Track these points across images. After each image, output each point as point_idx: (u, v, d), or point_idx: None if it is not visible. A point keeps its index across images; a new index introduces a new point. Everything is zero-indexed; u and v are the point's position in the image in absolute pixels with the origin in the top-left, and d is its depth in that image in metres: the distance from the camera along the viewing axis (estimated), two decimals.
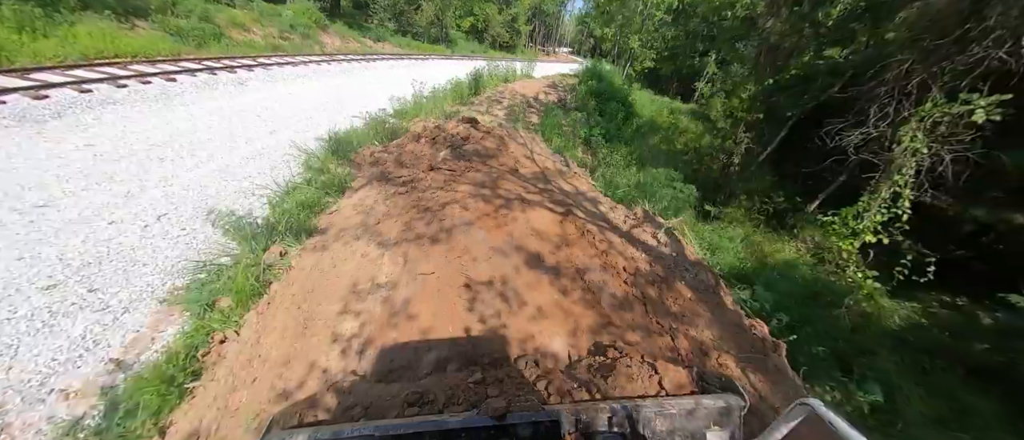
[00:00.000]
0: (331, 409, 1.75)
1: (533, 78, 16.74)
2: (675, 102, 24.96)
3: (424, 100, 11.29)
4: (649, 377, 1.83)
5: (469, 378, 1.91)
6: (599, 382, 1.84)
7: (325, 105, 9.92)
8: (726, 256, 5.19)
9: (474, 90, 11.32)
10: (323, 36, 20.02)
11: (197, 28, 13.30)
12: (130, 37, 10.98)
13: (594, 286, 3.30)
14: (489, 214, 4.97)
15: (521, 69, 17.27)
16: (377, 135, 8.11)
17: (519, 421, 1.35)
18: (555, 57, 68.76)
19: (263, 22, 16.81)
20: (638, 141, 11.89)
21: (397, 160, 6.73)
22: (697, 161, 8.04)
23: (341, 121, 9.02)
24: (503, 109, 9.99)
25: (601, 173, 7.53)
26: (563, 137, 8.88)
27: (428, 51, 28.48)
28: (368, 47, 22.89)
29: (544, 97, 12.19)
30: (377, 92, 12.34)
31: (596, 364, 2.04)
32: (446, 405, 1.70)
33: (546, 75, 22.69)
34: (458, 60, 27.15)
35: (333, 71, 13.71)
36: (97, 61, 8.84)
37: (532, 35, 64.96)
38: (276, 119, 8.17)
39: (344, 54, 17.97)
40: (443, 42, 34.00)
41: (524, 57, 50.63)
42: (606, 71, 15.53)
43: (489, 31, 44.50)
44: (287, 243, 4.45)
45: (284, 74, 11.55)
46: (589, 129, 9.17)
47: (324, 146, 7.19)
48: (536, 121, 10.00)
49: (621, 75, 17.36)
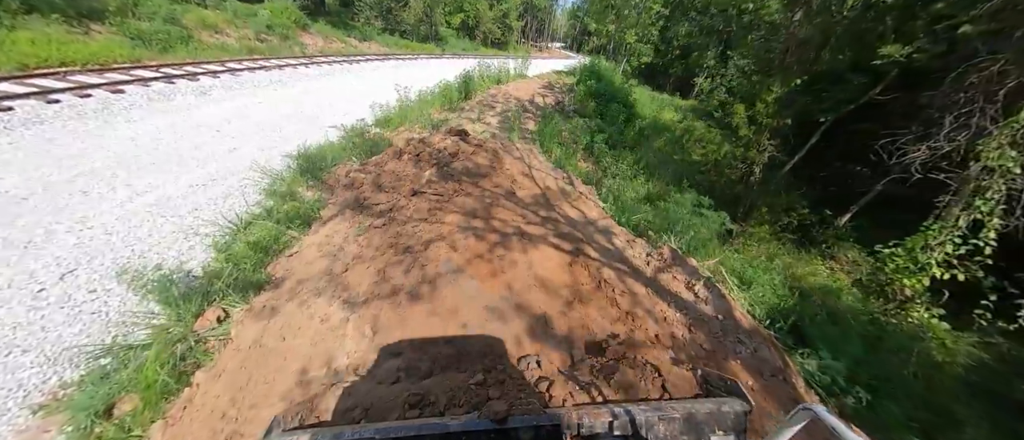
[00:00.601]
0: (333, 409, 1.69)
1: (527, 78, 15.80)
2: (675, 99, 24.14)
3: (410, 106, 10.37)
4: (652, 379, 1.76)
5: (470, 379, 1.86)
6: (601, 384, 1.78)
7: (299, 115, 8.96)
8: (763, 291, 4.35)
9: (464, 94, 10.39)
10: (304, 37, 18.93)
11: (161, 31, 12.22)
12: (82, 43, 9.91)
13: (623, 382, 2.41)
14: (482, 255, 4.09)
15: (515, 68, 16.33)
16: (355, 150, 7.20)
17: (520, 425, 1.34)
18: (548, 53, 67.71)
19: (237, 23, 15.72)
20: (643, 145, 11.04)
21: (375, 182, 5.83)
22: (712, 170, 7.25)
23: (316, 134, 8.08)
24: (496, 115, 9.08)
25: (607, 187, 6.66)
26: (564, 146, 8.00)
27: (417, 50, 27.40)
28: (353, 47, 21.80)
29: (540, 100, 11.29)
30: (359, 98, 11.37)
31: (598, 366, 1.96)
32: (447, 407, 1.65)
33: (540, 73, 21.75)
34: (448, 59, 26.12)
35: (312, 75, 12.71)
36: (36, 71, 7.81)
37: (524, 31, 63.80)
38: (239, 134, 7.21)
39: (326, 56, 16.92)
40: (433, 40, 32.89)
41: (517, 54, 49.56)
42: (605, 69, 14.66)
43: (480, 28, 43.37)
44: (229, 302, 3.54)
45: (256, 80, 10.55)
46: (591, 136, 8.30)
47: (293, 166, 6.26)
48: (533, 128, 9.12)
49: (618, 72, 16.50)
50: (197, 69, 10.02)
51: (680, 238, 4.29)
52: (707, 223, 4.87)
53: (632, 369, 1.93)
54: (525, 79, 15.17)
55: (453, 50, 33.50)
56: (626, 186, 7.42)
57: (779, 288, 4.50)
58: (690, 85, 27.59)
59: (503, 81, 12.91)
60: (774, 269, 4.56)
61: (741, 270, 4.68)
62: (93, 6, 11.63)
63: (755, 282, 4.51)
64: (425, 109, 10.27)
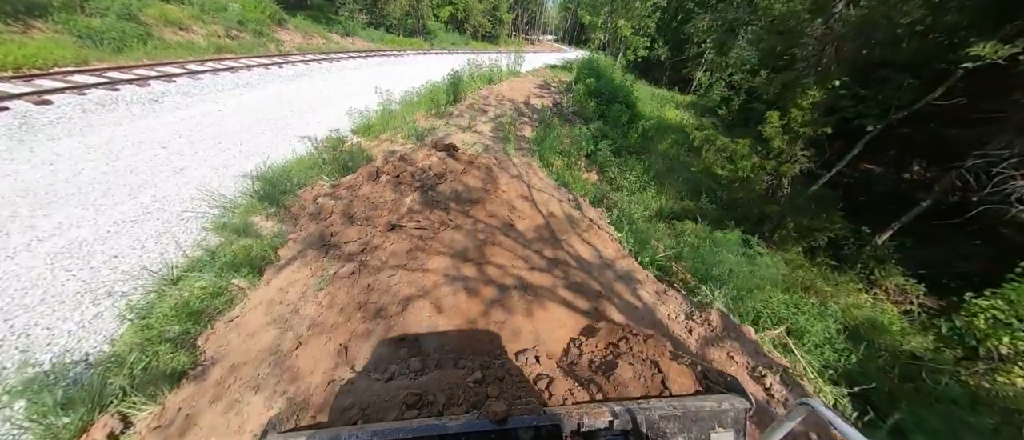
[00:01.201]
0: (329, 408, 1.67)
1: (521, 75, 14.83)
2: (673, 94, 23.30)
3: (393, 110, 9.37)
4: (652, 376, 1.73)
5: (468, 377, 1.82)
6: (601, 381, 1.76)
7: (266, 124, 7.93)
8: (816, 337, 3.56)
9: (453, 97, 9.42)
10: (280, 33, 17.66)
11: (115, 28, 11.01)
12: (17, 44, 8.72)
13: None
14: (476, 320, 3.22)
15: (507, 64, 15.32)
16: (327, 167, 6.24)
17: (520, 425, 1.31)
18: (540, 46, 66.44)
19: (205, 19, 14.47)
20: (649, 149, 10.19)
21: (346, 211, 4.91)
22: (739, 185, 6.43)
23: (283, 147, 7.08)
24: (489, 121, 8.15)
25: (619, 207, 5.81)
26: (566, 157, 7.12)
27: (403, 45, 26.15)
28: (335, 44, 20.56)
29: (537, 101, 10.36)
30: (338, 102, 10.34)
31: (598, 362, 1.95)
32: (446, 407, 1.60)
33: (534, 68, 20.75)
34: (436, 55, 24.96)
35: (286, 76, 11.60)
36: None
37: (515, 24, 62.38)
38: (191, 150, 6.20)
39: (304, 54, 15.74)
40: (420, 34, 31.58)
41: (508, 48, 48.16)
42: (605, 66, 13.73)
43: (470, 21, 42.00)
44: (132, 404, 2.63)
45: (219, 83, 9.45)
46: (594, 143, 7.43)
47: (251, 190, 5.29)
48: (530, 135, 8.21)
49: (617, 67, 15.59)
50: (151, 72, 8.91)
51: (724, 289, 3.45)
52: (761, 270, 4.01)
53: (631, 365, 1.87)
54: (519, 77, 14.20)
55: (441, 45, 32.24)
56: (636, 202, 6.58)
57: (837, 340, 3.70)
58: (687, 80, 26.77)
59: (495, 80, 11.95)
60: (830, 315, 3.76)
61: (785, 314, 3.86)
62: (35, 0, 10.38)
63: (807, 333, 3.70)
64: (410, 114, 9.29)
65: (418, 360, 2.20)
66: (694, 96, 23.34)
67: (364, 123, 8.58)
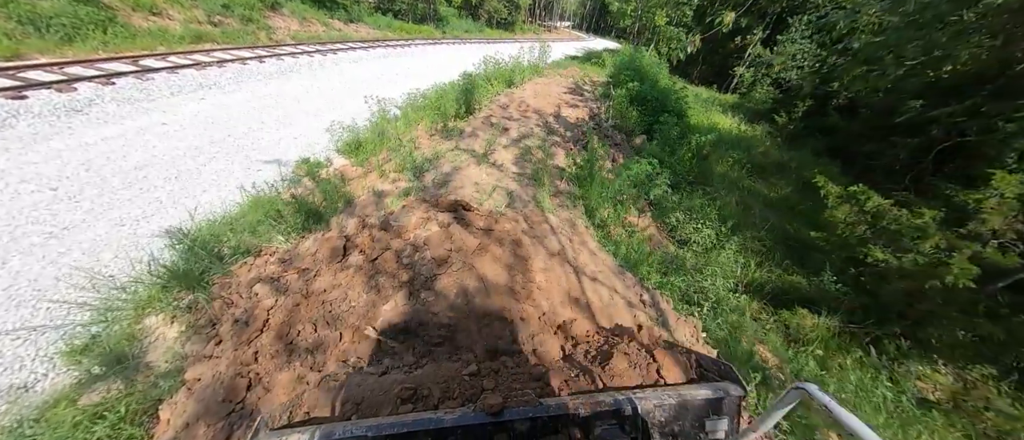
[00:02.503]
0: (321, 404, 1.58)
1: (545, 73, 12.64)
2: (713, 92, 20.73)
3: (394, 118, 7.47)
4: (647, 365, 1.73)
5: (463, 370, 1.82)
6: (597, 370, 1.76)
7: (222, 143, 6.10)
8: None
9: (465, 107, 7.42)
10: (273, 18, 15.75)
11: (66, 13, 9.23)
12: None
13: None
14: None
15: (528, 58, 13.15)
16: (286, 217, 4.40)
17: (516, 417, 1.30)
18: (557, 33, 63.29)
19: (183, 2, 12.62)
20: (709, 175, 8.09)
21: (288, 322, 3.08)
22: (902, 273, 4.30)
23: (235, 180, 5.24)
24: (512, 145, 6.17)
25: (710, 296, 3.88)
26: (620, 203, 5.14)
27: (412, 33, 24.01)
28: (336, 31, 18.56)
29: (569, 112, 8.29)
30: (325, 108, 8.46)
31: (594, 352, 1.97)
32: (441, 401, 1.58)
33: (556, 61, 18.47)
34: (447, 45, 22.79)
35: (267, 73, 9.72)
36: None
37: (532, 10, 59.27)
38: (92, 193, 4.40)
39: (298, 43, 13.84)
40: (431, 21, 29.31)
41: (525, 35, 45.29)
42: (648, 64, 11.43)
43: (484, 7, 39.39)
44: None
45: (177, 85, 7.63)
46: (647, 179, 5.43)
47: (162, 263, 3.49)
48: (565, 162, 6.22)
49: (662, 65, 13.28)
50: (88, 71, 7.12)
51: None
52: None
53: (626, 355, 1.83)
54: (543, 76, 12.05)
55: (454, 33, 29.94)
56: (713, 265, 4.60)
57: None
58: (726, 75, 24.07)
59: (515, 82, 9.89)
60: None
61: None
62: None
63: None
64: (410, 129, 7.36)
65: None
66: (737, 96, 20.76)
67: (353, 140, 6.69)
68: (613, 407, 1.36)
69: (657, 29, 21.07)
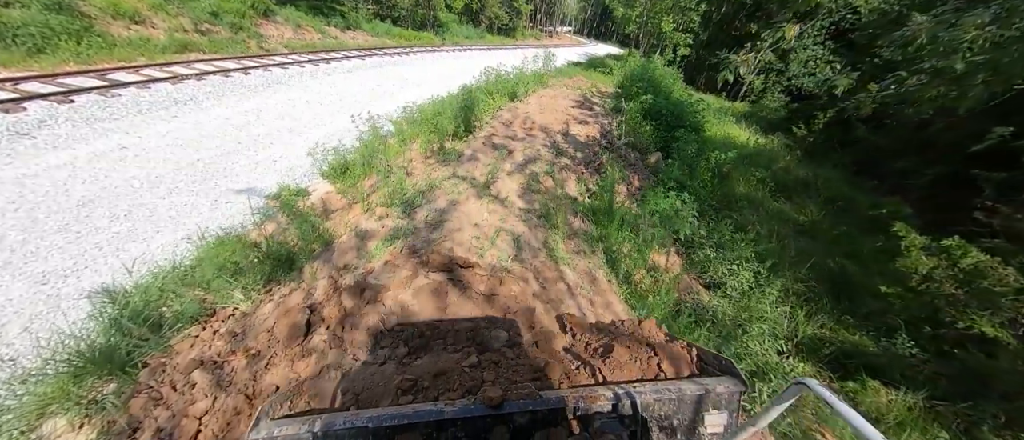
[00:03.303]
0: (322, 394, 1.60)
1: (549, 84, 11.92)
2: (722, 100, 20.01)
3: (385, 132, 6.75)
4: (648, 359, 1.70)
5: (463, 361, 1.80)
6: (598, 363, 1.73)
7: (191, 168, 5.39)
8: None
9: (464, 125, 6.70)
10: (265, 26, 15.12)
11: (35, 23, 8.57)
12: None
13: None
14: None
15: (532, 67, 12.46)
16: (246, 270, 3.67)
17: (516, 409, 1.29)
18: (558, 38, 62.92)
19: (170, 10, 12.00)
20: (733, 198, 7.36)
21: (226, 435, 2.32)
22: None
23: (199, 216, 4.51)
24: (517, 171, 5.44)
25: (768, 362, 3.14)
26: (645, 244, 4.40)
27: (411, 41, 23.43)
28: (332, 39, 17.97)
29: (579, 129, 7.57)
30: (311, 125, 7.75)
31: (595, 345, 1.94)
32: (441, 393, 1.54)
33: (559, 68, 17.80)
34: (447, 52, 22.17)
35: (251, 85, 9.04)
36: None
37: (533, 15, 58.88)
38: (14, 237, 3.68)
39: (291, 52, 13.21)
40: (431, 27, 28.76)
41: (526, 41, 44.75)
42: (661, 75, 10.67)
43: (485, 12, 38.93)
44: None
45: (147, 102, 6.94)
46: (673, 211, 4.69)
47: (81, 337, 2.76)
48: (577, 189, 5.50)
49: (677, 77, 12.54)
50: (46, 87, 6.43)
51: None
52: None
53: (627, 348, 1.80)
54: (548, 87, 11.33)
55: (454, 39, 29.39)
56: (753, 314, 3.87)
57: None
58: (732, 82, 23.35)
59: (519, 94, 9.18)
60: None
61: None
62: None
63: None
64: (404, 149, 6.64)
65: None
66: (747, 104, 20.04)
67: (339, 162, 5.96)
68: (612, 401, 1.35)
69: (663, 35, 20.43)
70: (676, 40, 21.03)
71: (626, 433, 1.34)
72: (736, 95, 20.68)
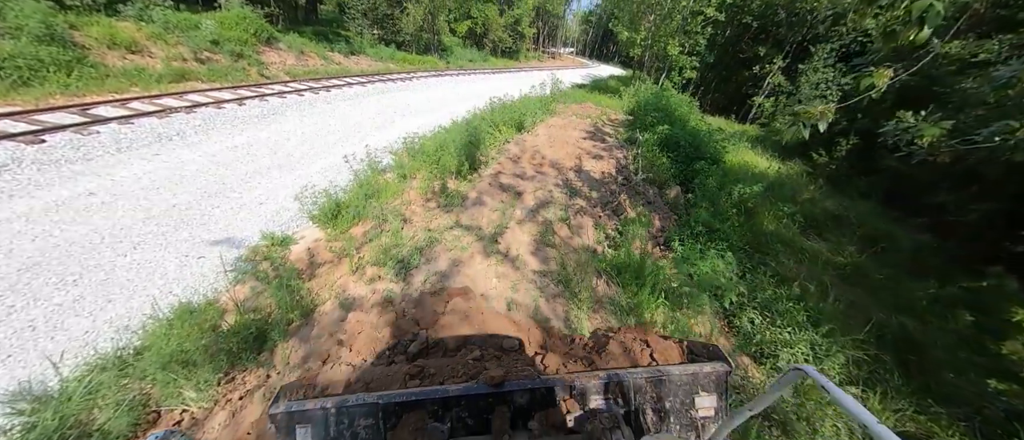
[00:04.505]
0: (334, 384, 1.69)
1: (557, 110, 11.44)
2: (732, 123, 19.57)
3: (377, 178, 6.19)
4: (641, 351, 1.79)
5: (468, 355, 1.90)
6: (595, 358, 1.85)
7: (162, 217, 4.81)
8: None
9: (468, 162, 6.13)
10: (268, 53, 14.94)
11: (25, 54, 8.24)
12: None
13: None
14: None
15: (537, 91, 12.03)
16: (200, 361, 3.02)
17: (516, 388, 1.36)
18: (560, 60, 63.69)
19: (168, 39, 11.77)
20: (763, 237, 6.68)
21: None
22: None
23: (165, 277, 3.89)
24: (528, 219, 4.82)
25: None
26: (682, 312, 3.73)
27: (415, 65, 23.38)
28: (336, 65, 17.81)
29: (592, 164, 6.99)
30: (305, 159, 7.23)
31: (592, 343, 2.04)
32: (447, 380, 1.64)
33: (564, 92, 17.46)
34: (451, 77, 22.03)
35: (244, 118, 8.60)
36: None
37: (537, 38, 59.75)
38: None
39: (292, 80, 12.92)
40: (435, 51, 28.89)
41: (529, 62, 45.07)
42: (676, 102, 10.14)
43: (489, 36, 39.35)
44: None
45: (127, 140, 6.46)
46: (726, 289, 4.01)
47: None
48: (594, 238, 4.88)
49: (692, 104, 12.07)
50: (17, 126, 5.97)
51: None
52: None
53: (621, 342, 1.90)
54: (555, 114, 10.85)
55: (458, 63, 29.47)
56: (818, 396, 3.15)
57: None
58: (740, 104, 23.01)
59: (526, 124, 8.67)
60: None
61: None
62: None
63: None
64: (403, 187, 6.06)
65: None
66: (756, 126, 19.56)
67: (330, 205, 5.36)
68: (607, 384, 1.40)
69: (669, 58, 20.18)
70: (682, 63, 20.79)
71: (620, 413, 1.38)
72: (745, 118, 20.23)
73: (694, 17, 19.30)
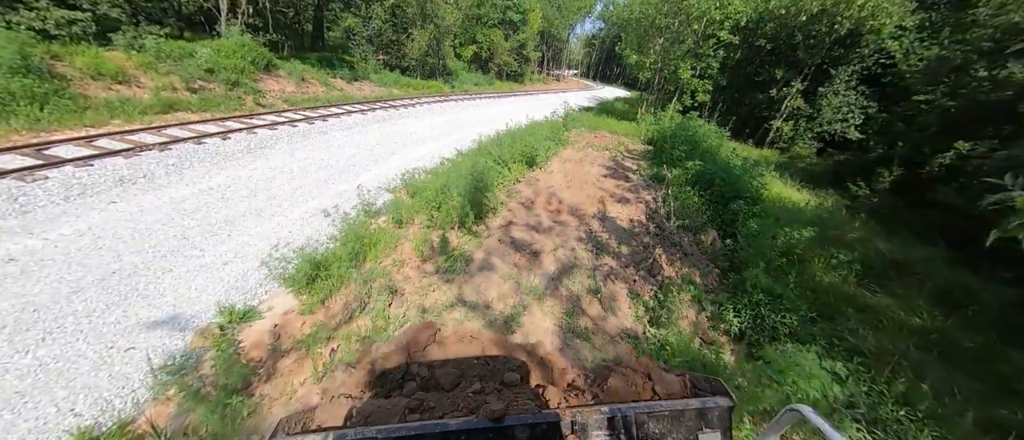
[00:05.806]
0: (333, 418, 1.60)
1: (570, 141, 10.57)
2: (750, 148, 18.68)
3: (362, 236, 5.23)
4: (644, 384, 1.78)
5: (469, 388, 1.90)
6: (596, 391, 1.84)
7: (97, 288, 3.87)
8: None
9: (476, 210, 5.18)
10: (266, 81, 14.42)
11: None
12: None
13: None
14: None
15: (548, 116, 11.20)
16: None
17: (517, 423, 1.36)
18: (565, 83, 64.00)
19: (159, 68, 11.22)
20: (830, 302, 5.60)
21: None
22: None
23: (79, 378, 2.86)
24: (548, 292, 3.81)
25: None
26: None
27: (420, 90, 22.97)
28: (337, 92, 17.31)
29: (617, 209, 6.04)
30: (286, 203, 6.32)
31: (593, 376, 2.01)
32: (447, 413, 1.62)
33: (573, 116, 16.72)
34: (456, 102, 21.49)
35: (228, 153, 7.80)
36: None
37: (542, 61, 60.19)
38: None
39: (282, 110, 12.25)
40: (440, 76, 28.64)
41: (534, 84, 44.99)
42: (705, 133, 9.19)
43: (495, 60, 39.38)
44: None
45: (80, 183, 5.62)
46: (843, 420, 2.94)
47: None
48: (631, 315, 3.86)
49: (714, 129, 11.21)
50: None
51: None
52: None
53: (623, 376, 1.87)
54: (568, 146, 9.98)
55: (463, 87, 29.16)
56: None
57: None
58: (753, 126, 22.18)
59: (538, 159, 7.77)
60: None
61: None
62: None
63: None
64: (396, 241, 5.09)
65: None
66: (774, 151, 18.64)
67: (309, 263, 4.39)
68: (608, 418, 1.40)
69: (681, 82, 19.52)
70: (694, 86, 20.12)
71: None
72: (761, 141, 19.34)
73: (706, 40, 18.73)
